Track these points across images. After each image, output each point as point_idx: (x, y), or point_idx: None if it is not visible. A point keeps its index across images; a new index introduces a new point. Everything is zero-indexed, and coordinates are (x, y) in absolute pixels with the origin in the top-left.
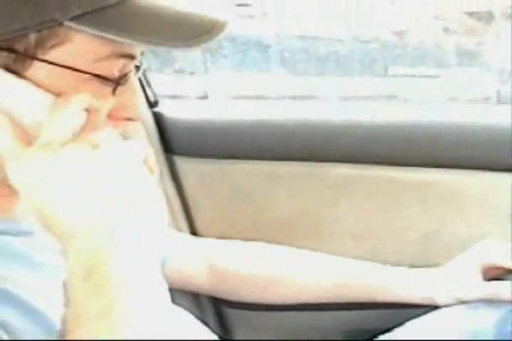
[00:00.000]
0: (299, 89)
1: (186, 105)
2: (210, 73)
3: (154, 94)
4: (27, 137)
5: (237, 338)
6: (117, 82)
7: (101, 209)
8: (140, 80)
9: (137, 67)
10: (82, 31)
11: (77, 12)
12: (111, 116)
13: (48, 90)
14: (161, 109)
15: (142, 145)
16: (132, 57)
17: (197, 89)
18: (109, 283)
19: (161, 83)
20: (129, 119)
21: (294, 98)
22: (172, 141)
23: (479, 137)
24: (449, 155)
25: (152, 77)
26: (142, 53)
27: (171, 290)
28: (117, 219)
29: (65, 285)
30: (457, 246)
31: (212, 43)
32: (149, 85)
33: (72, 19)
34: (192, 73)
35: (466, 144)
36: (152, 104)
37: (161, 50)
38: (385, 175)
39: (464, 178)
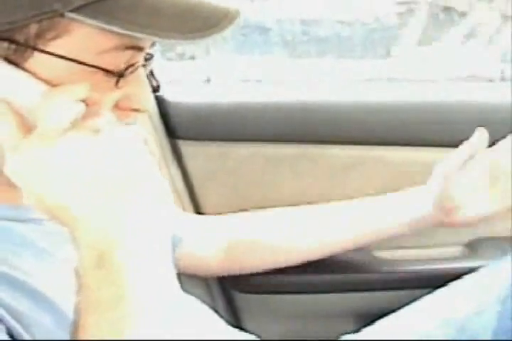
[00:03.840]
0: (301, 71)
1: (188, 89)
2: (211, 57)
3: (156, 79)
4: (27, 126)
5: (246, 322)
6: (120, 75)
7: (106, 194)
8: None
9: (147, 58)
10: (83, 23)
11: (79, 3)
12: (118, 107)
13: (48, 81)
14: (164, 93)
15: (141, 129)
16: (140, 49)
17: (199, 73)
18: (120, 271)
19: (163, 67)
20: (136, 110)
21: (295, 80)
22: (175, 125)
23: (483, 116)
24: (452, 135)
25: (154, 62)
26: (153, 44)
27: (181, 276)
28: (124, 203)
29: (76, 273)
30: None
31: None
32: (151, 70)
33: (73, 10)
34: (193, 57)
35: (469, 123)
36: (154, 89)
37: (167, 42)
38: (388, 156)
39: None
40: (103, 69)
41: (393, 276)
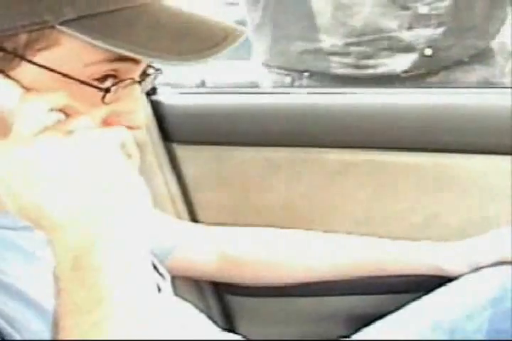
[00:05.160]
0: None
1: (183, 92)
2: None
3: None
4: (8, 128)
5: (239, 325)
6: (106, 90)
7: (80, 198)
8: None
9: (143, 76)
10: (74, 36)
11: (70, 16)
12: (107, 123)
13: (26, 88)
14: (159, 96)
15: (121, 130)
16: (135, 62)
17: (194, 77)
18: (97, 274)
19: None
20: (129, 127)
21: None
22: (170, 129)
23: (475, 119)
24: (446, 139)
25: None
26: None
27: (174, 279)
28: (98, 207)
29: (54, 276)
30: (456, 231)
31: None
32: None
33: (64, 23)
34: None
35: (462, 127)
36: (149, 92)
37: (158, 62)
38: (382, 160)
39: (461, 161)
40: (89, 85)
41: (384, 280)
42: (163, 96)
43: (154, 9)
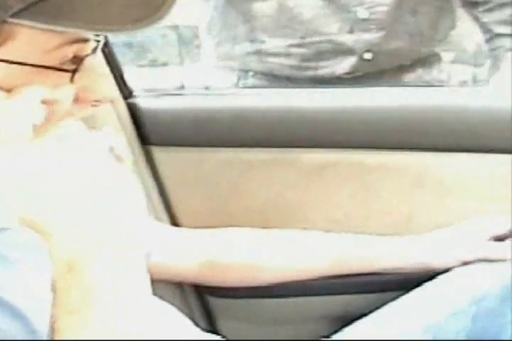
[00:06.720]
0: None
1: (161, 95)
2: (185, 64)
3: (128, 86)
4: None
5: (222, 327)
6: (73, 70)
7: (73, 204)
8: (113, 72)
9: (95, 48)
10: (25, 26)
11: (18, 6)
12: (78, 101)
13: (2, 87)
14: (136, 100)
15: (109, 134)
16: (86, 40)
17: (172, 81)
18: (89, 276)
19: (135, 74)
20: (96, 101)
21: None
22: (148, 132)
23: (452, 119)
24: (422, 138)
25: (126, 69)
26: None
27: (154, 281)
28: (91, 213)
29: (52, 280)
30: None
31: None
32: (123, 77)
33: (14, 15)
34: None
35: (439, 126)
36: (126, 95)
37: (114, 34)
38: (357, 159)
39: (440, 161)
40: (55, 68)
41: (367, 279)
42: (139, 99)
43: None
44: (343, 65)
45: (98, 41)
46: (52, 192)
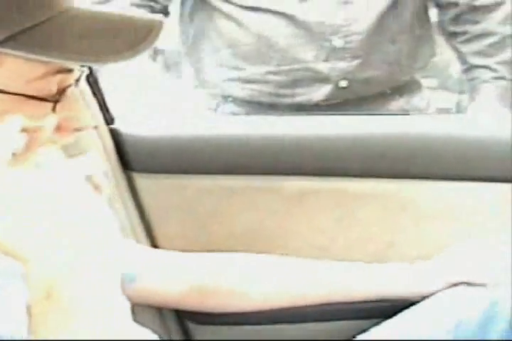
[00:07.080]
0: None
1: (143, 121)
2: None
3: (110, 111)
4: None
5: None
6: (55, 101)
7: (49, 232)
8: (96, 97)
9: (78, 78)
10: (10, 54)
11: (3, 35)
12: (60, 129)
13: None
14: (118, 125)
15: (88, 162)
16: (70, 71)
17: (155, 106)
18: (65, 302)
19: (118, 100)
20: (78, 129)
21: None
22: (130, 158)
23: (433, 147)
24: (404, 166)
25: (108, 94)
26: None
27: (134, 307)
28: (66, 240)
29: (27, 305)
30: (419, 258)
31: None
32: (105, 102)
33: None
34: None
35: (420, 155)
36: (108, 121)
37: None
38: (339, 187)
39: (423, 188)
40: (36, 98)
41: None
42: (122, 126)
43: (77, 14)
44: (320, 93)
45: (82, 71)
46: (27, 218)
